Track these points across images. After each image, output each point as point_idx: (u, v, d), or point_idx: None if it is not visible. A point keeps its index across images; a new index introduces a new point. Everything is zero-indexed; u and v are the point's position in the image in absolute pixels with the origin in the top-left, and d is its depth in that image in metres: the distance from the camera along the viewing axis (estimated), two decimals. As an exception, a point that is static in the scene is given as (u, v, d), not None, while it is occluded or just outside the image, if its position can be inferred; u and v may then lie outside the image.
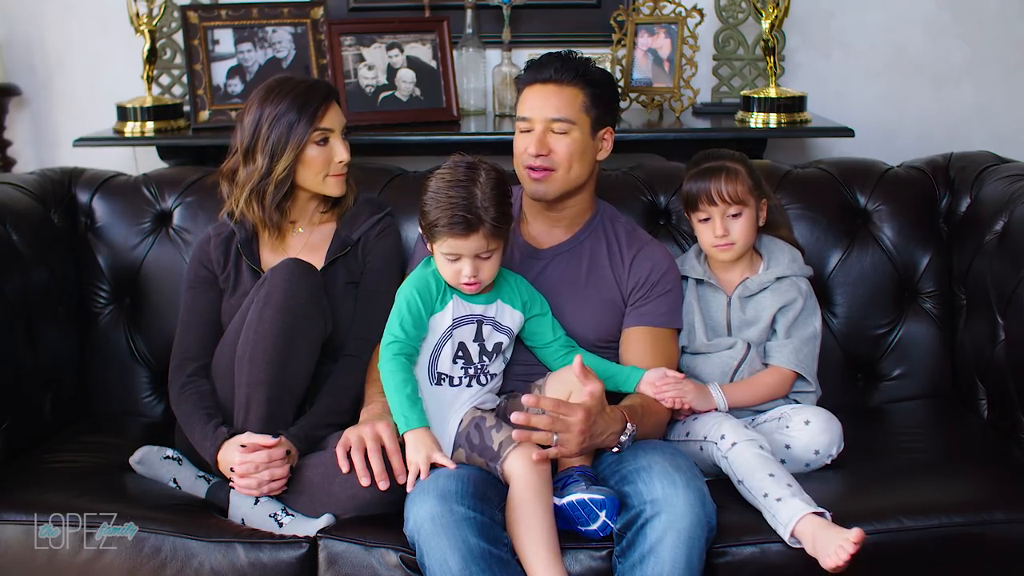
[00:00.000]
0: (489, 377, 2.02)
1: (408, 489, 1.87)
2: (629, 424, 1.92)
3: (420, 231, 2.01)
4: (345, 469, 1.89)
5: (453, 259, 1.94)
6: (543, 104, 2.09)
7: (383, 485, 1.88)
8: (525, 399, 1.82)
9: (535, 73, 2.11)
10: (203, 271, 2.20)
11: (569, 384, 1.96)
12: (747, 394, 2.12)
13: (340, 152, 2.15)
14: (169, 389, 2.14)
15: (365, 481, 1.88)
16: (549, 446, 1.84)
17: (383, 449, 1.90)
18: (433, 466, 1.87)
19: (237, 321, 2.06)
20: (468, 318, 1.99)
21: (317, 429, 2.02)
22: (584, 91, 2.09)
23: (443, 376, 1.99)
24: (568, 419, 1.82)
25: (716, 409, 2.08)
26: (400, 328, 1.96)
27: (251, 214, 2.15)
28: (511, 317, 2.04)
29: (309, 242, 2.22)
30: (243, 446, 1.93)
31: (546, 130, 2.08)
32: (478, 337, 2.00)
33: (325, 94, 2.15)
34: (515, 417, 1.81)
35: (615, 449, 1.93)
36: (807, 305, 2.18)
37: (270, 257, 2.19)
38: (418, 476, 1.86)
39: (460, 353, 1.98)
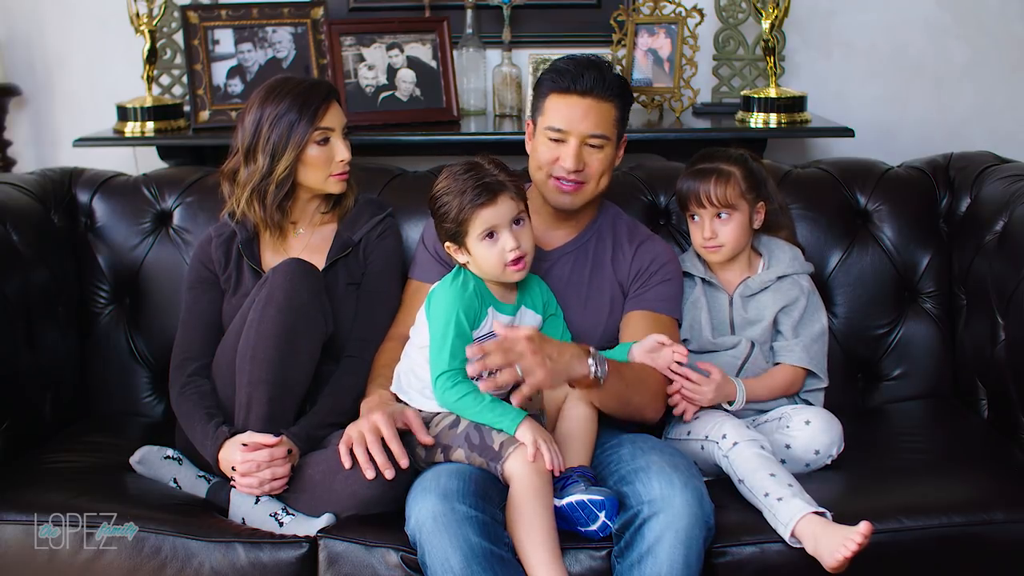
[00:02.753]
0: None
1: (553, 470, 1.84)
2: (591, 349, 1.88)
3: (445, 244, 1.98)
4: (348, 465, 1.89)
5: (491, 239, 1.92)
6: (582, 118, 2.05)
7: (389, 474, 1.87)
8: (468, 350, 1.79)
9: (571, 82, 2.05)
10: (204, 271, 2.20)
11: (566, 385, 1.96)
12: (764, 391, 2.11)
13: (341, 151, 2.15)
14: (170, 389, 2.14)
15: (370, 473, 1.87)
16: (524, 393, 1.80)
17: (383, 440, 1.89)
18: None
19: (238, 321, 2.06)
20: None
21: (318, 429, 2.02)
22: (617, 106, 2.08)
23: None
24: (516, 348, 1.78)
25: (730, 404, 2.07)
26: (451, 356, 1.90)
27: (252, 214, 2.15)
28: (532, 320, 2.04)
29: (310, 243, 2.22)
30: (244, 445, 1.93)
31: (581, 144, 2.06)
32: None
33: (326, 94, 2.14)
34: (471, 370, 1.80)
35: (592, 375, 1.87)
36: (810, 302, 2.18)
37: (271, 257, 2.19)
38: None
39: None
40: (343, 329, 2.13)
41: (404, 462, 1.88)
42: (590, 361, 1.87)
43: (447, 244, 1.98)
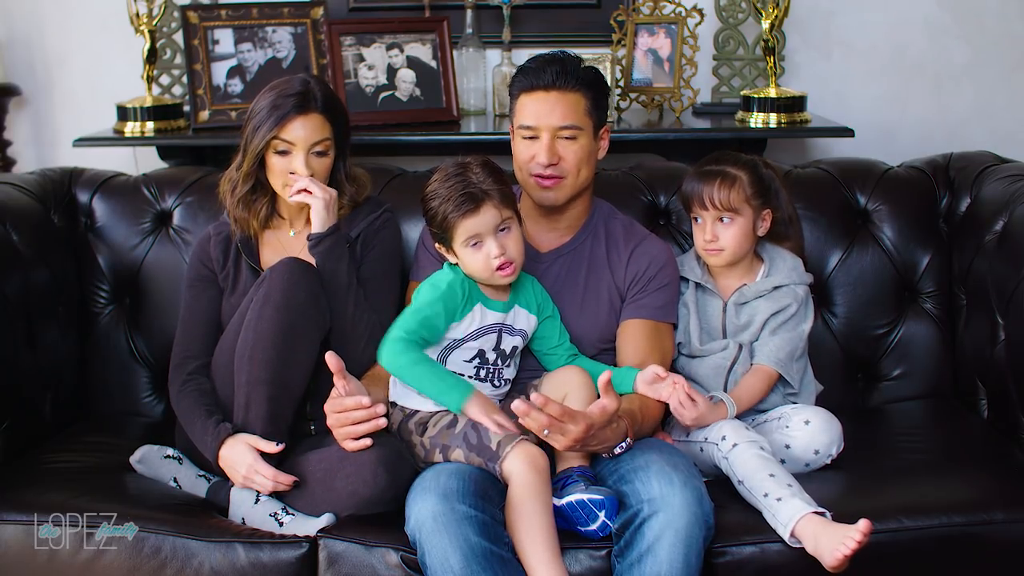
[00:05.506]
0: (503, 381, 2.02)
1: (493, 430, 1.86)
2: (629, 438, 1.92)
3: (436, 247, 2.02)
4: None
5: (476, 246, 1.93)
6: (549, 112, 2.07)
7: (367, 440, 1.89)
8: (534, 398, 1.79)
9: (534, 79, 2.08)
10: (203, 269, 2.20)
11: (565, 385, 1.96)
12: (747, 397, 2.10)
13: (298, 167, 2.11)
14: (169, 387, 2.14)
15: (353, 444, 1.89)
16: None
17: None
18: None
19: (236, 320, 2.06)
20: (491, 327, 1.99)
21: None
22: (585, 95, 2.08)
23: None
24: (566, 426, 1.80)
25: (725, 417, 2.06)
26: (419, 325, 1.91)
27: (230, 207, 2.17)
28: (526, 320, 2.04)
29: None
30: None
31: (554, 137, 2.07)
32: (497, 345, 2.00)
33: (298, 106, 2.09)
34: (515, 406, 1.79)
35: (606, 455, 1.93)
36: (799, 311, 2.17)
37: (270, 256, 2.19)
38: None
39: (477, 359, 1.98)
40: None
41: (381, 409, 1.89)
42: (616, 450, 1.92)
43: (437, 245, 2.00)
